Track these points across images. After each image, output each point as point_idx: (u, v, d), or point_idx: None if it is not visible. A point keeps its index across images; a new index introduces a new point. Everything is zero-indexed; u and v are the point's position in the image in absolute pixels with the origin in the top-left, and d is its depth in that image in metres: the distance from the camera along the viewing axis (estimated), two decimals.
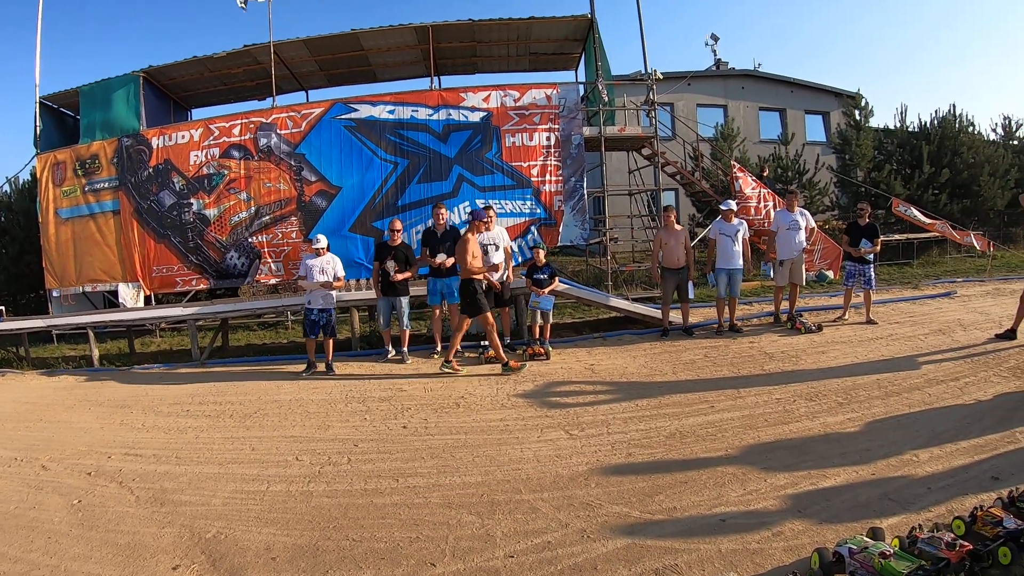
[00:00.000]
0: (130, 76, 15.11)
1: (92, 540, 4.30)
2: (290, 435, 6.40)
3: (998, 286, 13.23)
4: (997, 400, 6.07)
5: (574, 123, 13.71)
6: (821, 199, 20.79)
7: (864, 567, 3.18)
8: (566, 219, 13.43)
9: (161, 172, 14.18)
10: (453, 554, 3.78)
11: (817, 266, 14.37)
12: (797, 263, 10.32)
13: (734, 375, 7.63)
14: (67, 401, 8.76)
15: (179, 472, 5.51)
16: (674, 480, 4.64)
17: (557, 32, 15.96)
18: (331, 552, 3.91)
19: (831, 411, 6.02)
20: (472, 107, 13.60)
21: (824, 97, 28.06)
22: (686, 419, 6.07)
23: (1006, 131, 22.58)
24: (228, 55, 15.39)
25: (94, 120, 15.07)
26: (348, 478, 5.09)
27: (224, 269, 14.03)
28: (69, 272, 14.71)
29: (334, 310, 9.66)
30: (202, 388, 8.89)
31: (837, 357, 8.10)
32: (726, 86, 27.37)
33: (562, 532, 3.95)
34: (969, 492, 4.15)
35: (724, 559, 3.52)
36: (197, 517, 4.54)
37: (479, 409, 6.86)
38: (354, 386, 8.30)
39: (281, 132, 13.80)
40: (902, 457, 4.78)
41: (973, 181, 19.53)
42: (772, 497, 4.26)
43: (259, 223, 13.82)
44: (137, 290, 14.33)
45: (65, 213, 14.76)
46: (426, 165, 13.54)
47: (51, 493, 5.20)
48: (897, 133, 21.44)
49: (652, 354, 9.07)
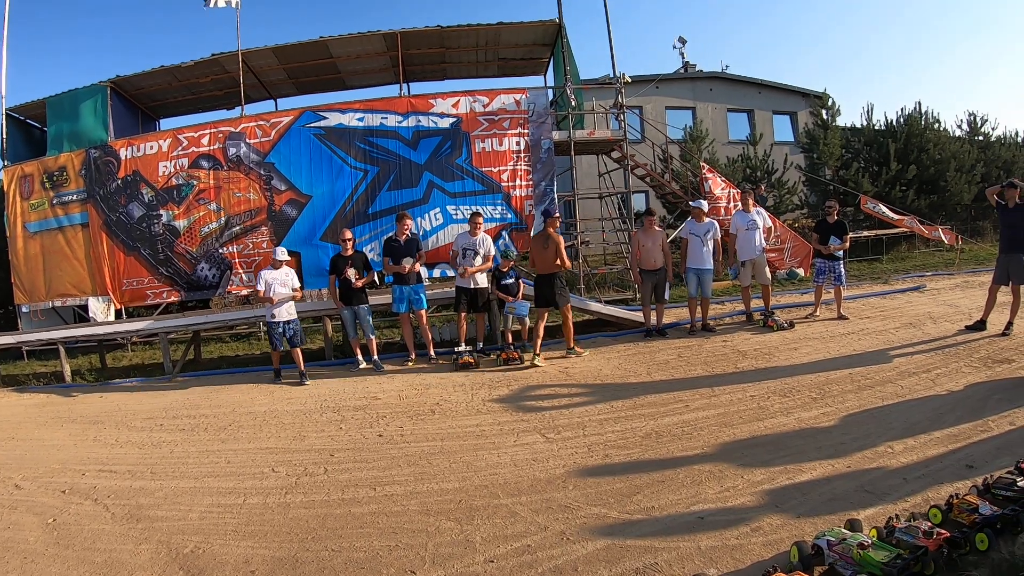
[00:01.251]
0: (97, 86, 14.92)
1: (68, 559, 4.23)
2: (265, 447, 6.34)
3: (967, 279, 13.41)
4: (969, 390, 6.17)
5: (543, 127, 13.75)
6: (790, 198, 20.98)
7: (843, 559, 3.22)
8: (537, 223, 13.40)
9: (130, 183, 14.03)
10: (433, 561, 3.76)
11: (787, 264, 14.53)
12: (759, 263, 10.41)
13: (708, 374, 7.67)
14: (39, 418, 8.62)
15: (154, 487, 5.44)
16: (651, 480, 4.65)
17: (525, 37, 16.02)
18: (310, 563, 3.87)
19: (805, 406, 6.07)
20: (441, 113, 13.60)
21: (791, 97, 28.34)
22: (662, 419, 6.10)
23: (971, 127, 22.95)
24: (196, 64, 15.27)
25: (61, 131, 14.84)
26: (325, 488, 5.05)
27: (195, 281, 13.89)
28: (38, 287, 14.49)
29: (298, 320, 9.68)
30: (175, 401, 8.79)
31: (810, 353, 8.18)
32: (694, 88, 27.54)
33: (541, 535, 3.95)
34: (944, 481, 4.22)
35: (704, 556, 3.54)
36: (174, 532, 4.48)
37: (454, 415, 6.85)
38: (328, 396, 8.24)
39: (250, 141, 13.70)
40: (877, 449, 4.84)
41: (940, 177, 19.81)
42: (749, 493, 4.29)
43: (229, 233, 13.70)
44: (107, 304, 14.15)
45: (33, 227, 14.56)
46: (396, 172, 13.51)
47: (25, 512, 5.12)
48: (864, 131, 21.70)
49: (626, 355, 9.10)
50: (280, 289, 9.28)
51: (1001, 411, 5.41)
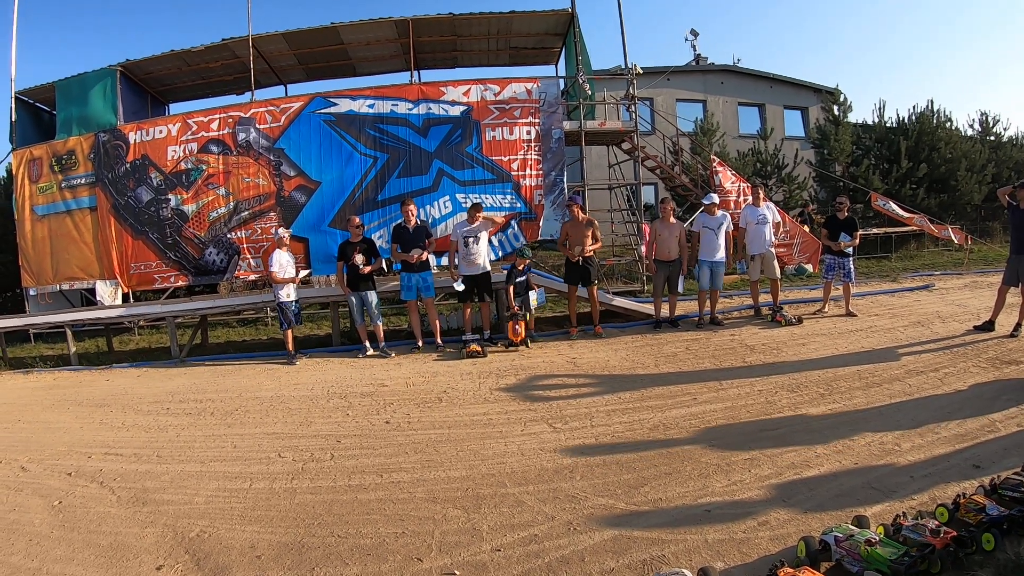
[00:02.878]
0: (107, 70, 14.93)
1: (74, 541, 4.24)
2: (272, 432, 6.35)
3: (975, 279, 13.37)
4: (976, 390, 6.13)
5: (554, 117, 13.69)
6: (800, 194, 20.93)
7: (850, 554, 3.20)
8: (546, 213, 13.40)
9: (138, 167, 14.02)
10: (440, 548, 3.76)
11: (796, 260, 14.49)
12: (768, 257, 10.39)
13: (716, 367, 7.65)
14: (45, 401, 8.67)
15: (160, 471, 5.46)
16: (659, 472, 4.64)
17: (537, 26, 15.93)
18: (316, 549, 3.88)
19: (813, 402, 6.06)
20: (452, 101, 13.54)
21: (803, 92, 28.17)
22: (669, 411, 6.08)
23: (983, 127, 22.86)
24: (206, 49, 15.25)
25: (70, 115, 14.85)
26: (332, 474, 5.05)
27: (203, 265, 13.89)
28: (46, 270, 14.52)
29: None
30: (182, 386, 8.83)
31: (818, 349, 8.16)
32: (705, 81, 27.40)
33: (548, 525, 3.95)
34: (951, 480, 4.19)
35: (711, 549, 3.53)
36: (180, 516, 4.49)
37: (462, 404, 6.85)
38: (335, 382, 8.26)
39: (260, 127, 13.68)
40: (884, 446, 4.81)
41: (950, 176, 19.74)
42: (756, 487, 4.27)
43: (238, 218, 13.70)
44: (115, 288, 14.16)
45: (41, 210, 14.57)
46: (406, 159, 13.47)
47: (31, 495, 5.13)
48: (875, 128, 21.64)
49: (634, 347, 9.09)
50: (291, 270, 9.40)
51: (1008, 412, 5.37)
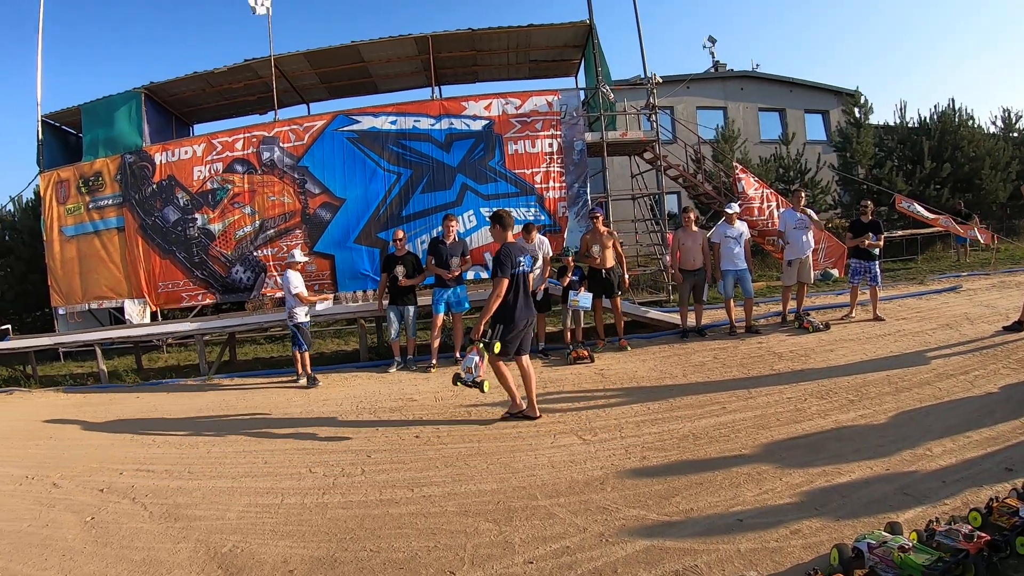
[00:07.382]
0: (132, 93, 15.21)
1: (107, 557, 4.28)
2: (302, 447, 6.39)
3: (1003, 279, 13.21)
4: (1007, 392, 6.05)
5: (576, 129, 13.74)
6: (824, 198, 20.79)
7: (884, 562, 3.17)
8: (570, 225, 13.42)
9: (165, 188, 14.23)
10: (472, 562, 3.76)
11: (822, 265, 14.38)
12: (805, 262, 10.30)
13: (744, 376, 7.61)
14: (77, 418, 8.76)
15: (192, 487, 5.50)
16: (689, 482, 4.62)
17: (556, 39, 16.03)
18: (349, 563, 3.89)
19: (842, 408, 6.00)
20: (474, 115, 13.63)
21: (823, 96, 28.04)
22: (698, 421, 6.06)
23: (1006, 124, 22.63)
24: (229, 70, 15.46)
25: (97, 137, 15.15)
26: (363, 489, 5.07)
27: (230, 283, 14.05)
28: (75, 289, 14.74)
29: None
30: (211, 402, 8.92)
31: (846, 355, 8.09)
32: (725, 88, 27.38)
33: (580, 536, 3.94)
34: (984, 484, 4.14)
35: (743, 558, 3.51)
36: (212, 531, 4.52)
37: (491, 417, 6.85)
38: (364, 397, 8.31)
39: (284, 145, 13.84)
40: (915, 451, 4.76)
41: (974, 175, 19.53)
42: (788, 495, 4.24)
43: (264, 237, 13.84)
44: (143, 306, 14.35)
45: (70, 231, 14.81)
46: (429, 175, 13.56)
47: (64, 510, 5.19)
48: (897, 129, 21.49)
49: (661, 357, 9.07)
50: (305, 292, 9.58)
51: None
